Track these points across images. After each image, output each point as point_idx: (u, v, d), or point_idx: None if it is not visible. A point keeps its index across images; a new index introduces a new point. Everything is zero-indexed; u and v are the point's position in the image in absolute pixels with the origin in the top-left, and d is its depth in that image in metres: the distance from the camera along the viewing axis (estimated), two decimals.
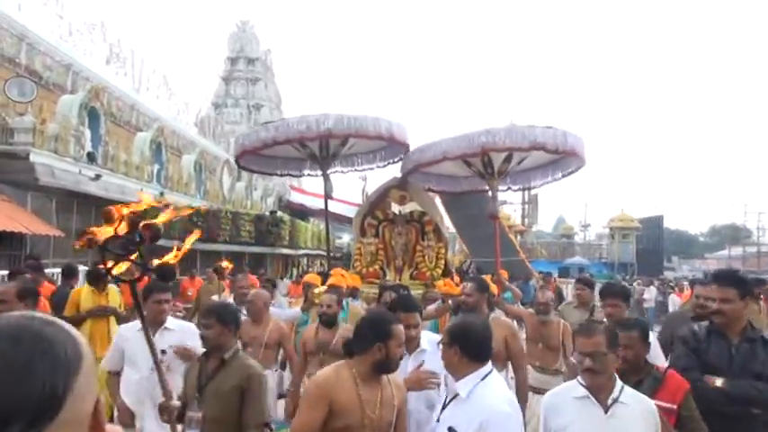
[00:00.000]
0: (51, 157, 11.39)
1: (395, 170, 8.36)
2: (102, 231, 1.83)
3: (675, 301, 11.90)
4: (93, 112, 14.00)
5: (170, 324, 3.43)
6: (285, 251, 20.30)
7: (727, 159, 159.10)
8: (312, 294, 4.84)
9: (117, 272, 1.93)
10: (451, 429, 2.08)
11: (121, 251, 1.89)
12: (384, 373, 2.26)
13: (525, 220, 33.84)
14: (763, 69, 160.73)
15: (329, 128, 6.73)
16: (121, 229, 1.83)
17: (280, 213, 21.37)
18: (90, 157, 13.18)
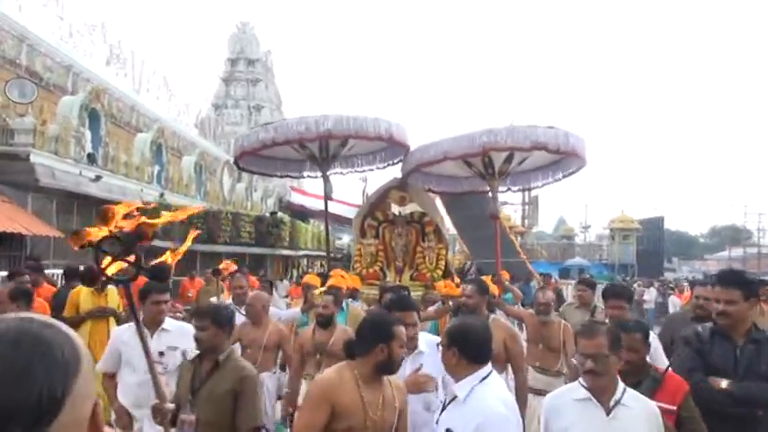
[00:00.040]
0: (52, 158, 11.39)
1: (395, 171, 8.36)
2: (97, 231, 1.81)
3: (675, 302, 11.89)
4: (94, 114, 14.01)
5: (168, 325, 3.42)
6: (285, 252, 20.29)
7: (728, 160, 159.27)
8: (312, 296, 4.83)
9: (111, 272, 1.91)
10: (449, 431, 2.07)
11: (115, 250, 1.87)
12: (386, 374, 2.26)
13: (525, 221, 33.82)
14: (762, 70, 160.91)
15: (329, 129, 6.71)
16: (116, 229, 1.81)
17: (280, 214, 21.36)
18: (90, 159, 13.18)
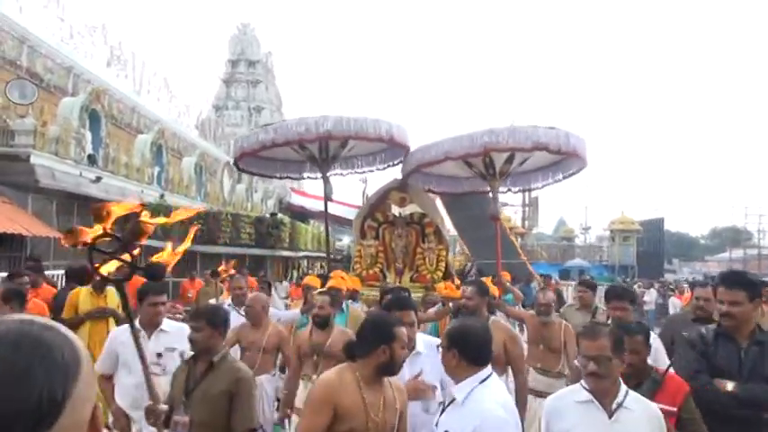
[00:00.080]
0: (52, 159, 11.39)
1: (395, 172, 8.35)
2: (91, 229, 1.79)
3: (676, 303, 11.88)
4: (94, 115, 14.00)
5: (166, 326, 3.40)
6: (285, 253, 20.28)
7: (728, 162, 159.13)
8: (312, 297, 4.82)
9: (105, 271, 1.89)
10: None
11: (110, 249, 1.85)
12: (388, 376, 2.25)
13: (525, 222, 33.80)
14: (763, 71, 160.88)
15: (328, 129, 6.68)
16: (111, 228, 1.80)
17: (280, 215, 21.35)
18: (91, 160, 13.18)
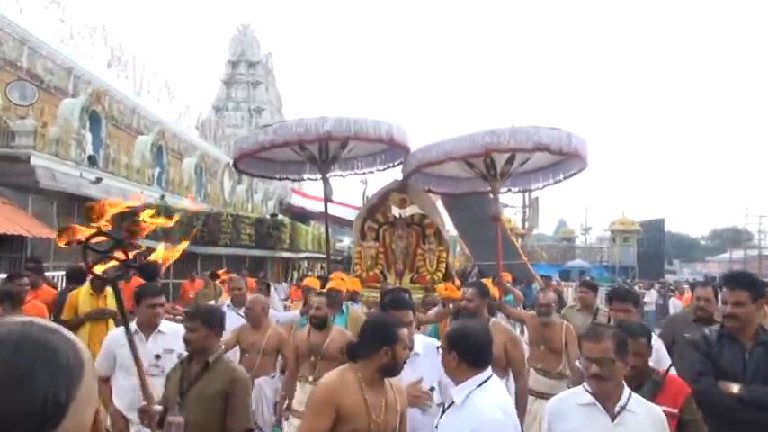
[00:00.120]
0: (52, 160, 11.38)
1: (395, 174, 8.33)
2: (85, 228, 1.77)
3: (676, 303, 11.88)
4: (95, 116, 14.01)
5: (164, 328, 3.37)
6: (286, 254, 20.27)
7: (729, 163, 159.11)
8: (310, 298, 4.82)
9: (99, 270, 1.88)
10: None
11: (104, 248, 1.83)
12: (389, 377, 2.24)
13: (526, 223, 33.79)
14: (763, 72, 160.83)
15: (328, 130, 6.64)
16: (110, 225, 1.78)
17: (280, 217, 21.35)
18: (91, 161, 13.18)
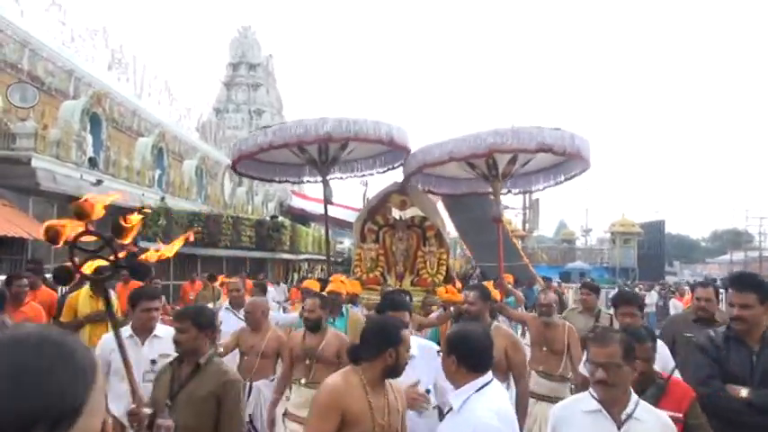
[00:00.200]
0: (53, 162, 11.39)
1: (395, 175, 8.31)
2: (72, 227, 1.74)
3: (677, 305, 11.85)
4: (95, 118, 14.01)
5: (160, 332, 3.31)
6: (286, 256, 20.27)
7: (729, 164, 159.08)
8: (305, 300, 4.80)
9: (88, 270, 1.86)
10: None
11: (92, 247, 1.80)
12: (392, 378, 2.23)
13: (526, 224, 33.79)
14: (763, 73, 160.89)
15: (328, 131, 6.58)
16: (93, 225, 1.75)
17: (281, 218, 21.36)
18: (91, 163, 13.19)
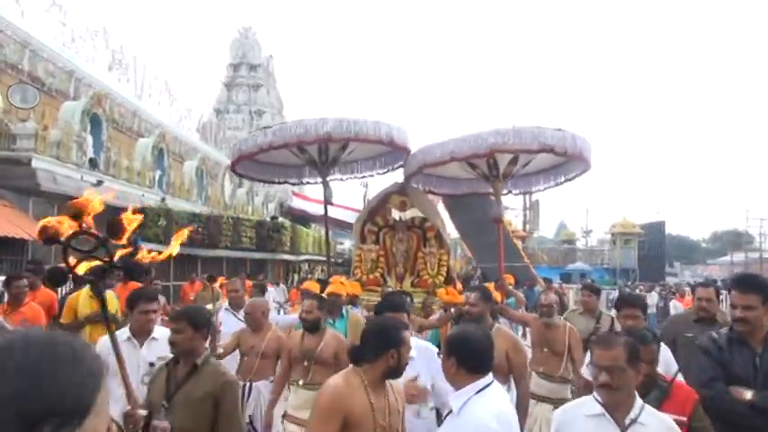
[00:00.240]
0: (53, 162, 11.40)
1: (395, 177, 8.30)
2: (66, 226, 1.72)
3: (677, 306, 11.84)
4: (96, 119, 14.02)
5: (158, 334, 3.27)
6: (286, 257, 20.27)
7: (730, 165, 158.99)
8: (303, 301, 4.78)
9: (81, 271, 1.85)
10: None
11: (86, 247, 1.78)
12: (392, 379, 2.22)
13: (526, 225, 33.79)
14: (764, 74, 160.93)
15: (328, 131, 6.55)
16: (86, 225, 1.73)
17: (281, 219, 21.37)
18: (92, 163, 13.20)
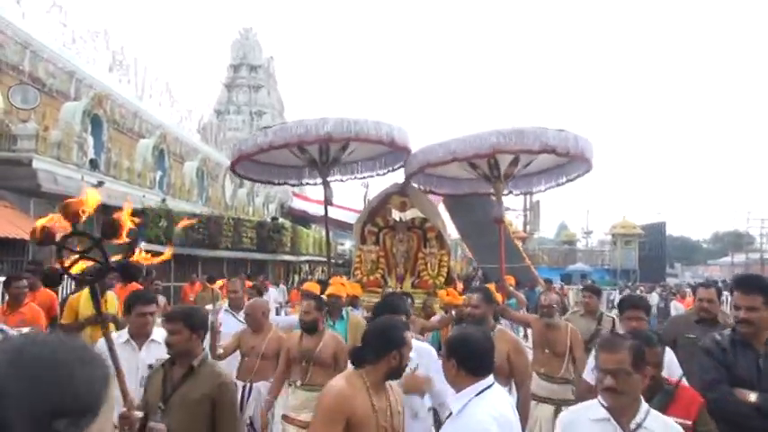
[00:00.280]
0: (54, 163, 11.42)
1: (396, 177, 8.29)
2: (60, 226, 1.73)
3: (678, 307, 11.83)
4: (96, 119, 14.05)
5: (157, 336, 3.24)
6: (287, 258, 20.30)
7: (731, 166, 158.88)
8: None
9: (76, 271, 1.84)
10: None
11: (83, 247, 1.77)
12: (394, 380, 2.23)
13: (527, 226, 33.79)
14: (764, 75, 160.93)
15: (329, 131, 6.53)
16: (80, 225, 1.72)
17: (281, 220, 21.40)
18: (92, 164, 13.22)
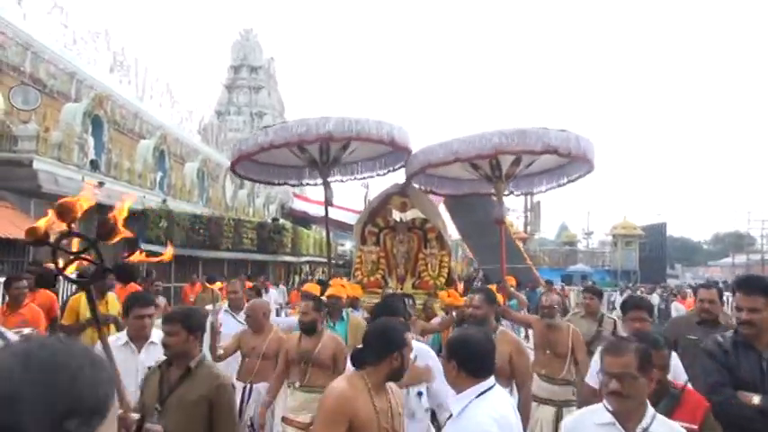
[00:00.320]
0: (54, 164, 11.41)
1: (396, 178, 8.29)
2: (54, 227, 1.70)
3: (678, 307, 11.82)
4: (97, 120, 14.05)
5: (156, 338, 3.21)
6: (287, 258, 20.28)
7: (731, 167, 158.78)
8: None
9: (70, 272, 1.84)
10: None
11: (78, 248, 1.74)
12: (395, 381, 2.22)
13: (528, 227, 33.80)
14: (765, 75, 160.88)
15: (329, 130, 6.51)
16: (75, 225, 1.69)
17: (282, 221, 21.38)
18: (93, 165, 13.22)
